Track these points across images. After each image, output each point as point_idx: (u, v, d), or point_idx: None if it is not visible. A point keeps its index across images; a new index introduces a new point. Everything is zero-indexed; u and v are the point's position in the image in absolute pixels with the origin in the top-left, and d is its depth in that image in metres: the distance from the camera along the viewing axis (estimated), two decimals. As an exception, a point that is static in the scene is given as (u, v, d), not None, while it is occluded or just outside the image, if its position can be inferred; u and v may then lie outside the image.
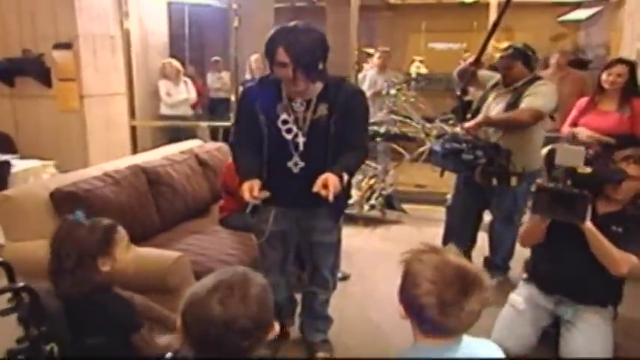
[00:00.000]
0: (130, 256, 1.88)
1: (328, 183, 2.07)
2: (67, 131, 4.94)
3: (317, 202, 2.10)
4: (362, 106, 2.34)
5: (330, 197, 2.05)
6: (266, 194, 2.18)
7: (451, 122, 4.37)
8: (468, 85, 3.38)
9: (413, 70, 7.86)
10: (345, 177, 2.19)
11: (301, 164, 2.28)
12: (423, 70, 7.93)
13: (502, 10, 3.11)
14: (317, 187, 2.07)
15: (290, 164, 2.29)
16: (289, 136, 2.27)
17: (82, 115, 4.94)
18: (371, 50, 6.61)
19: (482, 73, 3.41)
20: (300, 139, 2.26)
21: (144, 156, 3.82)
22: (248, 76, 6.48)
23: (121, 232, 1.87)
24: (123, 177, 3.17)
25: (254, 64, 6.56)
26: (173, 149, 4.06)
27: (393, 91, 5.05)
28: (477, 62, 3.28)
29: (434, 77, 7.86)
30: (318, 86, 2.26)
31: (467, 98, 3.50)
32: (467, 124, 3.16)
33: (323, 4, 8.33)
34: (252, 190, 2.15)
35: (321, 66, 2.17)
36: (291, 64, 2.10)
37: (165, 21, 6.25)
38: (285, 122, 2.27)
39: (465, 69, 3.33)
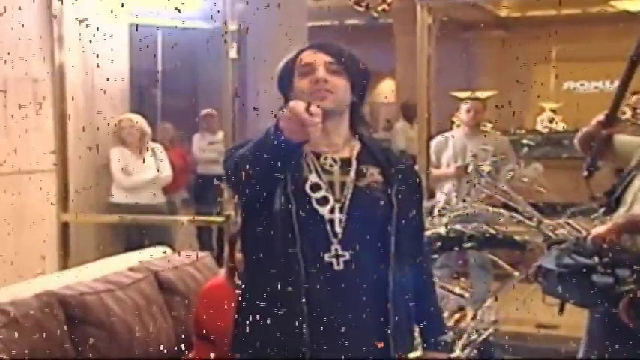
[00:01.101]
0: None
1: None
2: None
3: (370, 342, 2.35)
4: (420, 182, 2.65)
5: None
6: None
7: (594, 217, 4.20)
8: (598, 159, 3.45)
9: (541, 125, 7.84)
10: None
11: (344, 255, 2.36)
12: (559, 126, 7.90)
13: None
14: None
15: (329, 257, 2.36)
16: (324, 210, 2.38)
17: (-28, 204, 5.06)
18: (463, 94, 6.75)
19: (623, 139, 3.46)
20: (337, 216, 2.37)
21: (68, 276, 3.90)
22: None
23: None
24: (24, 314, 3.22)
25: None
26: (118, 264, 4.18)
27: (486, 167, 5.09)
28: (611, 121, 3.34)
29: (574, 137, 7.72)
30: (354, 144, 2.51)
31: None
32: (596, 230, 3.19)
33: (390, 20, 8.55)
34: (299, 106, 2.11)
35: (355, 96, 2.48)
36: (323, 61, 2.41)
37: (125, 53, 6.50)
38: (316, 188, 2.40)
39: (591, 133, 3.41)
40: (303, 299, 2.30)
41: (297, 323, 2.30)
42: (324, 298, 2.33)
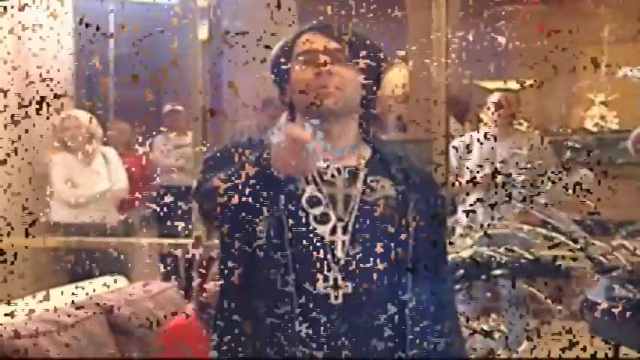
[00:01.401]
0: None
1: None
2: None
3: None
4: (443, 197, 2.61)
5: None
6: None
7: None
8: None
9: (590, 122, 8.15)
10: None
11: (345, 288, 2.32)
12: (613, 123, 8.08)
13: None
14: None
15: (323, 287, 2.31)
16: (324, 230, 2.35)
17: None
18: (492, 85, 6.81)
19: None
20: (339, 237, 2.35)
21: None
22: None
23: None
24: (-59, 363, 3.28)
25: None
26: (60, 299, 4.08)
27: (518, 176, 4.88)
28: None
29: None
30: (362, 149, 2.51)
31: None
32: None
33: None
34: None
35: (367, 90, 2.45)
36: (327, 48, 2.37)
37: (69, 34, 6.33)
38: (314, 202, 2.36)
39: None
40: (299, 343, 2.27)
41: None
42: (319, 340, 2.28)
